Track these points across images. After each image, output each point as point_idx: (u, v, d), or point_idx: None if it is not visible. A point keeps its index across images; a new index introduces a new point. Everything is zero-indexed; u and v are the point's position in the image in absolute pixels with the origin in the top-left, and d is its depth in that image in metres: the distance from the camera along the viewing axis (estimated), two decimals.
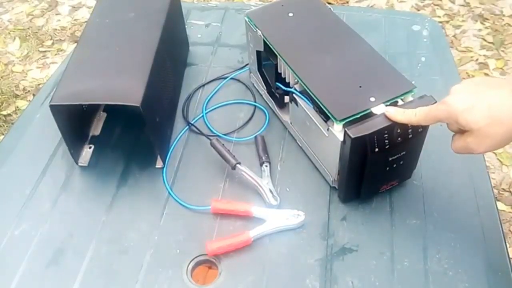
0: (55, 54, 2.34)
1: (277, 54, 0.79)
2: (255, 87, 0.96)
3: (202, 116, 0.92)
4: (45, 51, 2.36)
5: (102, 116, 0.92)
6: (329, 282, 0.67)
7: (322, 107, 0.70)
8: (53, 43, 2.40)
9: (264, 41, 0.81)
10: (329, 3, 0.86)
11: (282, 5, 0.86)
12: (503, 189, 1.64)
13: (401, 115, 0.64)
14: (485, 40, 2.21)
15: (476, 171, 0.80)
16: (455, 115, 0.57)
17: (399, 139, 0.67)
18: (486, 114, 0.56)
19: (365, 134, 0.64)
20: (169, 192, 0.79)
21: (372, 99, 0.68)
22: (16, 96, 2.14)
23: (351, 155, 0.66)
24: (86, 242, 0.73)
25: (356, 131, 0.64)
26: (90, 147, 0.86)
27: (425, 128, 0.69)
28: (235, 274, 0.69)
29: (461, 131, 0.60)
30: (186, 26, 1.08)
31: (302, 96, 0.75)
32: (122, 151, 0.86)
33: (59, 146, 0.87)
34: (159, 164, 0.83)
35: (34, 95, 2.09)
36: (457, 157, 0.81)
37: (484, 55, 2.14)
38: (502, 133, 0.56)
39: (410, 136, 0.68)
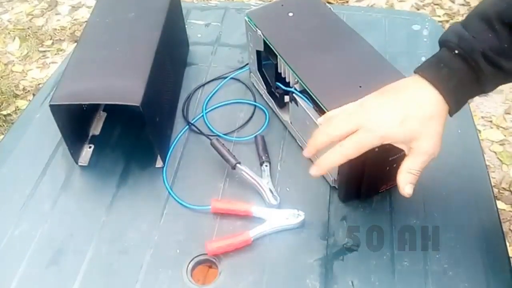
0: (55, 54, 2.34)
1: (277, 54, 0.79)
2: (255, 87, 0.96)
3: (202, 116, 0.92)
4: (45, 51, 2.36)
5: (102, 116, 0.92)
6: (329, 282, 0.67)
7: (322, 107, 0.70)
8: (53, 43, 2.40)
9: (264, 41, 0.81)
10: (329, 3, 0.86)
11: (282, 5, 0.86)
12: (503, 188, 1.64)
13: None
14: None
15: (476, 171, 0.80)
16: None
17: None
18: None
19: None
20: (169, 192, 0.79)
21: None
22: (16, 96, 2.14)
23: None
24: (86, 242, 0.73)
25: None
26: (90, 147, 0.86)
27: None
28: (235, 274, 0.69)
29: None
30: (186, 26, 1.08)
31: (302, 96, 0.75)
32: (122, 151, 0.86)
33: (59, 146, 0.87)
34: (159, 164, 0.83)
35: (34, 95, 2.09)
36: (457, 157, 0.81)
37: None
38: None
39: None
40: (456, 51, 0.56)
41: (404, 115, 0.57)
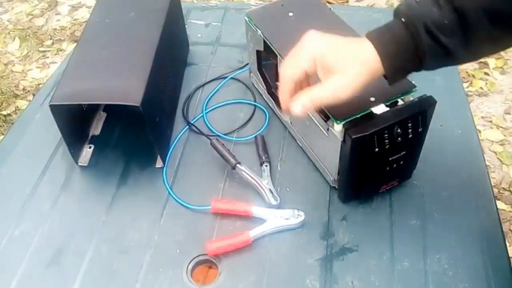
0: (55, 54, 2.34)
1: (277, 54, 0.79)
2: (255, 87, 0.96)
3: (202, 116, 0.92)
4: (45, 51, 2.36)
5: (102, 116, 0.92)
6: (329, 282, 0.67)
7: (322, 107, 0.69)
8: (53, 43, 2.40)
9: (264, 40, 0.81)
10: (329, 3, 0.86)
11: (282, 5, 0.86)
12: (503, 188, 1.64)
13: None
14: None
15: (476, 171, 0.80)
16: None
17: (399, 139, 0.67)
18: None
19: (365, 134, 0.64)
20: (169, 192, 0.79)
21: (372, 99, 0.68)
22: (16, 96, 2.14)
23: (351, 155, 0.66)
24: (86, 242, 0.73)
25: (356, 131, 0.64)
26: (90, 147, 0.86)
27: (425, 128, 0.69)
28: (235, 274, 0.69)
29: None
30: (186, 26, 1.08)
31: None
32: (122, 151, 0.86)
33: (59, 146, 0.87)
34: (159, 164, 0.83)
35: (34, 95, 2.09)
36: (457, 157, 0.81)
37: None
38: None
39: (410, 136, 0.68)
40: (403, 19, 0.58)
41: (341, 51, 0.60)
